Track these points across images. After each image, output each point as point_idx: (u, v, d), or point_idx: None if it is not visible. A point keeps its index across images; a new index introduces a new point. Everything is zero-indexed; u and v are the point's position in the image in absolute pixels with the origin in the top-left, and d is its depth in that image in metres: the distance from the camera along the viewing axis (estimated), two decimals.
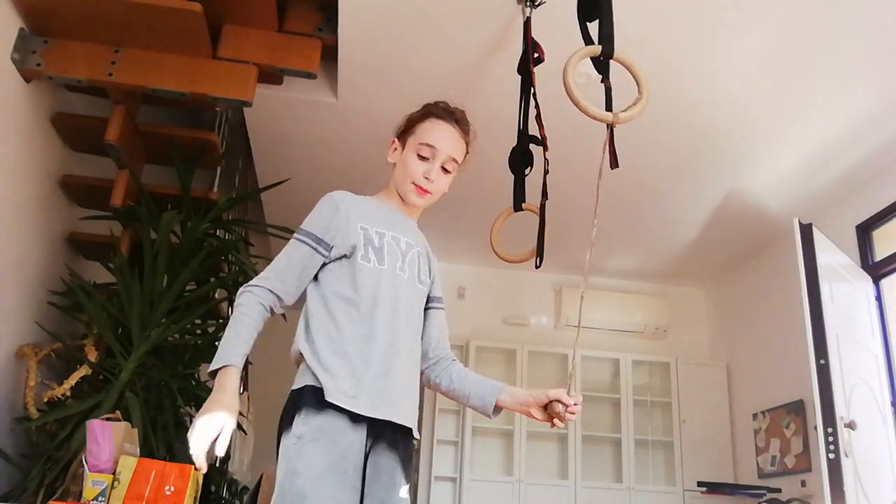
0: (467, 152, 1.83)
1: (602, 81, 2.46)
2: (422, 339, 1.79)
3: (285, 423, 1.55)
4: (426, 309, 1.80)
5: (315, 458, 1.46)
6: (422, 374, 1.83)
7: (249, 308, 1.58)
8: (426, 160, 1.73)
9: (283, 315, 1.79)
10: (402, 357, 1.62)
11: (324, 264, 1.66)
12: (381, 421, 1.55)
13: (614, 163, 2.40)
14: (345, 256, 1.64)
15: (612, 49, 2.41)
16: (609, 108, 2.42)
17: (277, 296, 1.63)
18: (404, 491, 1.57)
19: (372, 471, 1.54)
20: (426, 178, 1.72)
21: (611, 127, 2.34)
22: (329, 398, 1.50)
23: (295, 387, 1.58)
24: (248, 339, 1.56)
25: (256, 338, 1.60)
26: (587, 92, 2.37)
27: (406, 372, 1.63)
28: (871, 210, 4.38)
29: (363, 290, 1.61)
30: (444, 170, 1.76)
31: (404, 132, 1.80)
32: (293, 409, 1.55)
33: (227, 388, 1.48)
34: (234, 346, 1.53)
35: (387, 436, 1.57)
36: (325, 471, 1.45)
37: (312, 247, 1.65)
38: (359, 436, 1.52)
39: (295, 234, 1.68)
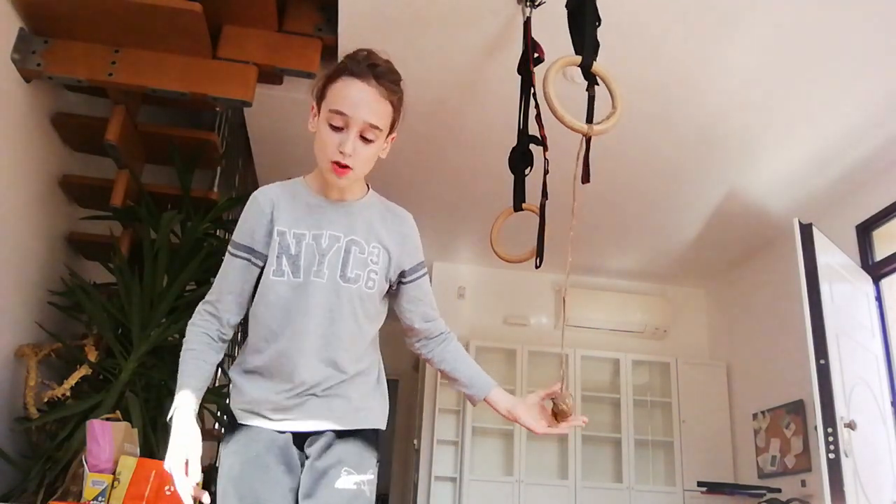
0: (396, 112, 1.52)
1: (587, 89, 2.48)
2: (405, 316, 1.67)
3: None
4: (400, 284, 1.62)
5: (235, 459, 1.47)
6: (413, 345, 1.74)
7: (192, 343, 1.54)
8: (339, 130, 1.44)
9: None
10: (316, 370, 1.50)
11: (261, 272, 1.54)
12: None
13: (586, 177, 2.44)
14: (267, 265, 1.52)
15: (591, 60, 2.44)
16: (590, 114, 2.46)
17: (220, 319, 1.57)
18: (346, 482, 1.46)
19: (308, 471, 1.48)
20: (341, 153, 1.43)
21: (587, 138, 2.38)
22: (238, 418, 1.52)
23: None
24: (195, 375, 1.51)
25: (214, 364, 1.56)
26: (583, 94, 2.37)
27: (327, 387, 1.52)
28: (871, 210, 4.38)
29: (273, 309, 1.49)
30: (364, 138, 1.46)
31: (319, 95, 1.50)
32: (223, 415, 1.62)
33: (177, 429, 1.43)
34: (181, 390, 1.48)
35: (319, 433, 1.52)
36: (243, 469, 1.45)
37: (246, 258, 1.53)
38: (281, 432, 1.51)
39: (228, 247, 1.55)
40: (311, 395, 1.51)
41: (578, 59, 2.46)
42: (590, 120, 2.44)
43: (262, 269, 1.52)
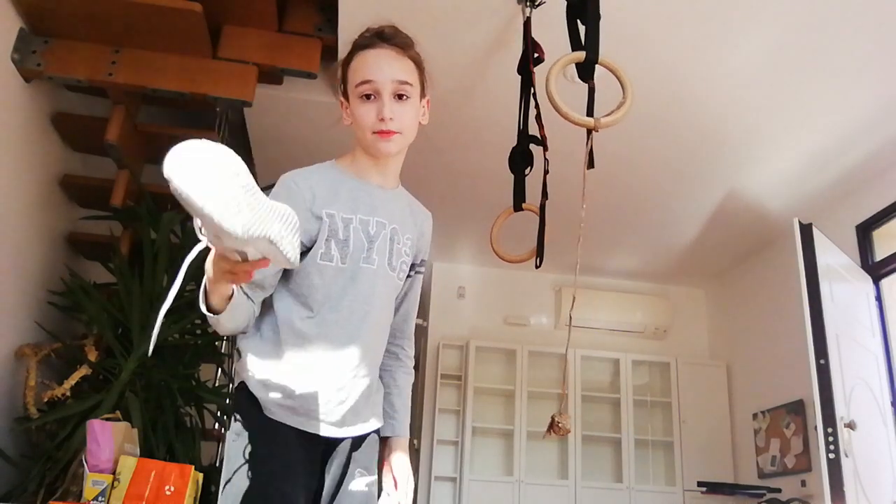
0: (421, 70, 1.52)
1: (586, 81, 2.46)
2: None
3: (229, 418, 1.45)
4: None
5: (260, 455, 1.36)
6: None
7: None
8: (372, 100, 1.43)
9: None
10: (360, 362, 1.43)
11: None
12: None
13: (590, 164, 2.42)
14: (307, 249, 1.40)
15: (597, 54, 2.41)
16: (591, 109, 2.43)
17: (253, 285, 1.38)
18: (359, 484, 1.44)
19: (332, 474, 1.44)
20: (381, 120, 1.41)
21: (590, 132, 2.36)
22: (268, 413, 1.39)
23: (235, 383, 1.47)
24: None
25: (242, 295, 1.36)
26: (580, 92, 2.37)
27: (365, 377, 1.45)
28: (871, 210, 4.38)
29: (318, 294, 1.40)
30: (399, 97, 1.45)
31: (342, 83, 1.51)
32: (234, 405, 1.45)
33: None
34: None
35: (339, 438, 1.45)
36: (271, 469, 1.36)
37: None
38: (304, 432, 1.41)
39: None
40: (352, 396, 1.44)
41: (581, 54, 2.43)
42: (590, 113, 2.42)
43: (304, 253, 1.40)
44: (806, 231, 3.86)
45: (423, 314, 6.22)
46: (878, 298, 4.35)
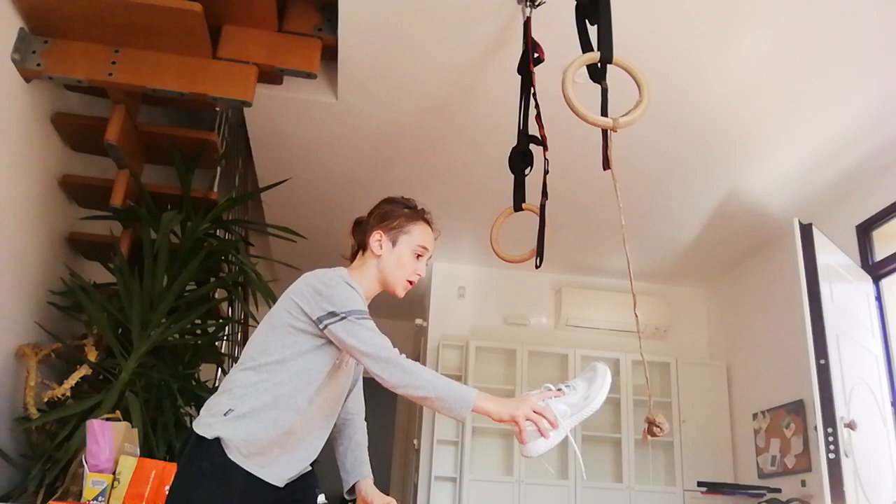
0: None
1: (598, 82, 2.46)
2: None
3: (191, 456, 1.65)
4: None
5: (214, 494, 1.59)
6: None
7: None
8: (419, 260, 1.89)
9: None
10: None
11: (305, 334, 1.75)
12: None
13: (606, 164, 2.42)
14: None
15: (612, 54, 2.40)
16: (605, 109, 2.43)
17: None
18: (322, 498, 1.83)
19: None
20: (418, 275, 1.89)
21: (607, 131, 2.35)
22: (247, 468, 1.65)
23: (210, 434, 1.65)
24: None
25: None
26: (587, 92, 2.37)
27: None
28: (871, 210, 4.37)
29: (317, 383, 1.73)
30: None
31: (394, 228, 1.89)
32: (197, 446, 1.66)
33: (507, 400, 1.67)
34: (459, 386, 1.67)
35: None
36: None
37: None
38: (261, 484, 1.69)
39: (353, 315, 1.69)
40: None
41: (596, 55, 2.42)
42: (604, 113, 2.41)
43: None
44: (806, 231, 3.86)
45: (423, 314, 6.22)
46: (878, 298, 4.34)
